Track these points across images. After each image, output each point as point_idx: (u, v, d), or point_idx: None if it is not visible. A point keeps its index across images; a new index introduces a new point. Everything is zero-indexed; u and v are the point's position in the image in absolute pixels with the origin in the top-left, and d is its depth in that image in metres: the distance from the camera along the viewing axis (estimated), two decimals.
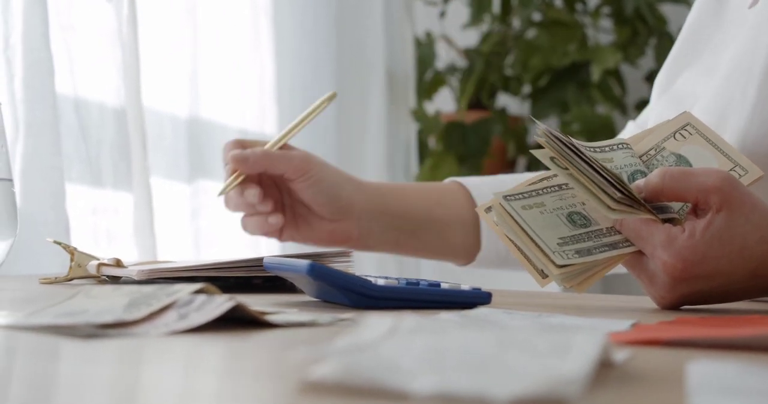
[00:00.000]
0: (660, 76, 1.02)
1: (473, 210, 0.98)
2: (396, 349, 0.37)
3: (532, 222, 0.70)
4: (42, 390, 0.37)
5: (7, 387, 0.38)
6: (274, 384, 0.37)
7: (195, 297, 0.53)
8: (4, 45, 1.13)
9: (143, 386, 0.37)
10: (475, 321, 0.52)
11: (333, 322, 0.56)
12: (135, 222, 1.32)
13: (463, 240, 1.00)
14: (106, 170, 1.28)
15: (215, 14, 1.63)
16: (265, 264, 0.72)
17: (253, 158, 0.89)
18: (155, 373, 0.40)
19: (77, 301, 0.56)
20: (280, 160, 0.90)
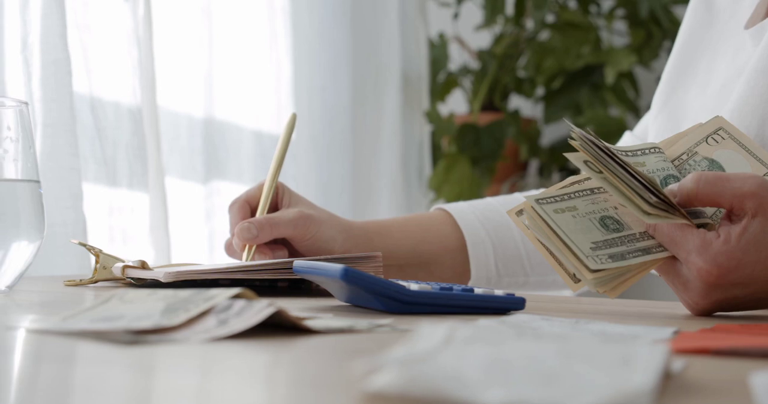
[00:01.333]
0: (659, 90, 1.01)
1: (460, 238, 0.99)
2: (456, 359, 0.36)
3: (564, 225, 0.70)
4: (86, 396, 0.36)
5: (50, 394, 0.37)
6: (334, 394, 0.36)
7: (233, 303, 0.52)
8: (22, 45, 1.13)
9: (197, 395, 0.36)
10: (525, 330, 0.51)
11: (371, 328, 0.55)
12: (151, 223, 1.32)
13: (451, 268, 1.00)
14: (121, 170, 1.27)
15: (231, 14, 1.62)
16: (295, 268, 0.71)
17: (261, 234, 0.91)
18: (206, 382, 0.39)
19: (112, 306, 0.55)
20: (285, 227, 0.92)
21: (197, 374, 0.41)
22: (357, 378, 0.36)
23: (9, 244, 0.67)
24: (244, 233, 0.91)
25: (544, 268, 1.01)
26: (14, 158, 0.68)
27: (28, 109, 0.70)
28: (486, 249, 0.99)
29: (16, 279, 0.69)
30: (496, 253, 0.99)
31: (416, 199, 2.09)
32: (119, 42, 1.30)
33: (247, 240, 0.92)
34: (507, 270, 0.99)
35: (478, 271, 0.98)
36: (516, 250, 0.99)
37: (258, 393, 0.36)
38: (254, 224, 0.91)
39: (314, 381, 0.40)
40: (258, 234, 0.91)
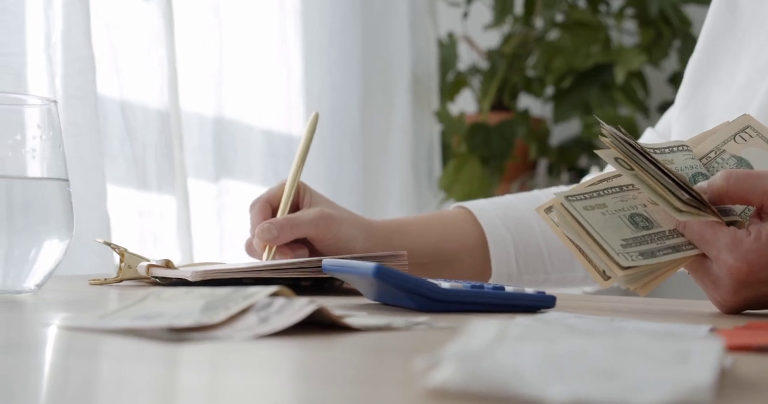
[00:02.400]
0: (682, 88, 1.01)
1: (480, 236, 0.98)
2: (512, 356, 0.36)
3: (594, 223, 0.70)
4: (137, 394, 0.36)
5: (97, 391, 0.37)
6: (394, 391, 0.36)
7: (273, 300, 0.52)
8: (45, 43, 1.13)
9: (254, 393, 0.36)
10: (575, 327, 0.51)
11: (409, 326, 0.55)
12: (178, 224, 1.32)
13: (472, 266, 1.00)
14: (150, 171, 1.28)
15: (242, 13, 1.62)
16: (324, 266, 0.71)
17: (282, 235, 0.90)
18: (260, 380, 0.39)
19: (150, 304, 0.55)
20: (306, 227, 0.91)
21: (248, 371, 0.41)
22: (413, 375, 0.36)
23: (41, 243, 0.66)
24: (265, 234, 0.91)
25: (564, 266, 1.00)
26: (44, 157, 0.68)
27: (56, 107, 0.70)
28: (507, 246, 0.98)
29: (46, 278, 0.69)
30: (517, 251, 0.99)
31: (426, 198, 2.09)
32: (147, 42, 1.30)
33: (268, 240, 0.91)
34: (528, 268, 0.99)
35: (498, 269, 0.98)
36: (537, 248, 0.99)
37: (318, 391, 0.36)
38: (274, 225, 0.91)
39: (368, 378, 0.40)
40: (278, 235, 0.91)
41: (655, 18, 2.08)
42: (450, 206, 1.04)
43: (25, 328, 0.55)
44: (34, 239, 0.66)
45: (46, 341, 0.49)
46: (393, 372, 0.41)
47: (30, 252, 0.66)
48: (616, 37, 2.19)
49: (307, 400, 0.35)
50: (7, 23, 1.12)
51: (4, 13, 1.12)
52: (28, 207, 0.66)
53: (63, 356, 0.46)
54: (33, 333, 0.52)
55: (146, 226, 1.32)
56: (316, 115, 0.98)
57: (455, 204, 1.03)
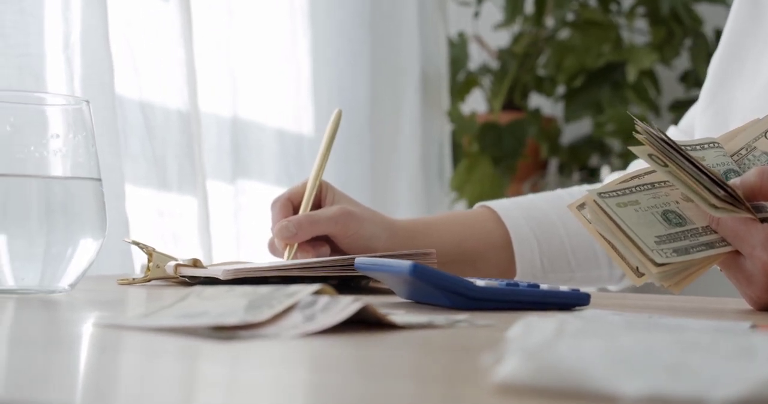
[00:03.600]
0: (705, 85, 1.01)
1: (504, 235, 0.98)
2: (576, 351, 0.36)
3: (627, 219, 0.69)
4: (191, 391, 0.36)
5: (158, 388, 0.37)
6: (462, 387, 0.36)
7: (317, 299, 0.52)
8: (63, 44, 1.13)
9: (317, 390, 0.36)
10: (636, 322, 0.51)
11: (451, 324, 0.55)
12: (198, 225, 1.32)
13: (496, 265, 0.99)
14: (171, 172, 1.27)
15: (254, 14, 1.62)
16: (357, 265, 0.71)
17: (300, 233, 0.90)
18: (320, 377, 0.39)
19: (192, 303, 0.55)
20: (325, 224, 0.91)
21: (302, 369, 0.41)
22: (473, 371, 0.36)
23: (76, 242, 0.66)
24: (283, 232, 0.91)
25: (589, 264, 1.00)
26: (77, 156, 0.68)
27: (88, 107, 0.69)
28: (531, 245, 0.98)
29: (79, 278, 0.69)
30: (542, 249, 0.99)
31: (436, 198, 2.09)
32: (165, 42, 1.30)
33: (286, 238, 0.91)
34: (552, 267, 0.99)
35: (523, 268, 0.98)
36: (561, 246, 0.99)
37: (380, 388, 0.36)
38: (292, 222, 0.91)
39: (428, 374, 0.39)
40: (297, 232, 0.90)
41: (667, 17, 2.08)
42: (474, 206, 1.03)
43: (69, 327, 0.55)
44: (70, 239, 0.66)
45: (95, 339, 0.49)
46: (450, 368, 0.41)
47: (66, 251, 0.66)
48: (627, 37, 2.18)
49: (373, 397, 0.34)
50: (26, 25, 1.12)
51: (23, 14, 1.12)
52: (65, 207, 0.66)
53: (113, 354, 0.45)
54: (78, 332, 0.52)
55: (166, 226, 1.31)
56: (339, 112, 0.98)
57: (478, 203, 1.03)
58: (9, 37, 1.12)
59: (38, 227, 0.65)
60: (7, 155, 0.66)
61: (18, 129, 0.66)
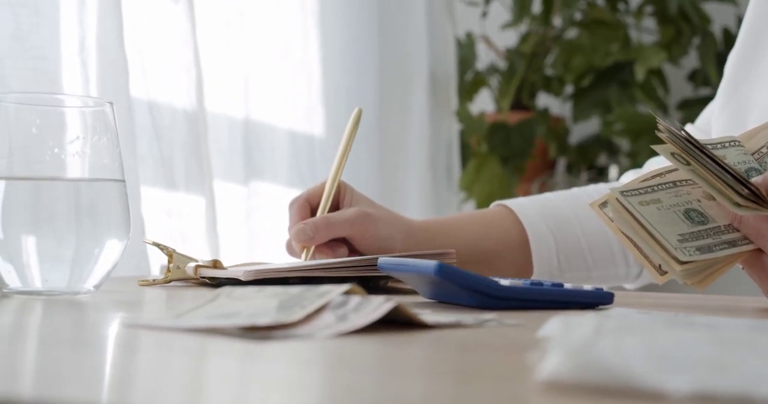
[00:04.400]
0: (722, 84, 1.01)
1: (521, 234, 0.98)
2: (617, 348, 0.36)
3: (650, 218, 0.70)
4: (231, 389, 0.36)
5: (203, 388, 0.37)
6: (507, 385, 0.36)
7: (348, 299, 0.52)
8: (79, 47, 1.13)
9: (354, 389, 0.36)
10: (674, 320, 0.51)
11: (480, 323, 0.55)
12: (206, 225, 1.32)
13: (513, 264, 1.00)
14: (178, 172, 1.28)
15: (265, 15, 1.62)
16: (381, 265, 0.71)
17: (317, 235, 0.90)
18: (355, 376, 0.39)
19: (222, 303, 0.55)
20: (342, 227, 0.91)
21: (340, 368, 0.41)
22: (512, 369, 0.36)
23: (102, 244, 0.67)
24: (300, 235, 0.91)
25: (605, 262, 1.00)
26: (102, 158, 0.68)
27: (112, 108, 0.70)
28: (548, 244, 0.98)
29: (103, 279, 0.69)
30: (559, 248, 0.99)
31: (445, 198, 2.09)
32: (173, 43, 1.30)
33: (303, 241, 0.91)
34: (569, 265, 0.99)
35: (540, 266, 0.98)
36: (578, 245, 0.99)
37: (428, 387, 0.36)
38: (309, 226, 0.91)
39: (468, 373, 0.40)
40: (313, 235, 0.90)
41: (675, 15, 2.08)
42: (491, 205, 1.03)
43: (102, 328, 0.55)
44: (97, 240, 0.66)
45: (130, 340, 0.49)
46: (489, 366, 0.41)
47: (93, 253, 0.66)
48: (635, 36, 2.18)
49: (420, 397, 0.35)
50: (42, 28, 1.13)
51: (39, 17, 1.13)
52: (92, 209, 0.66)
53: (148, 354, 0.46)
54: (113, 333, 0.52)
55: (174, 226, 1.32)
56: (359, 112, 0.97)
57: (495, 202, 1.03)
58: (25, 41, 1.12)
59: (66, 229, 0.65)
60: (33, 157, 0.66)
61: (44, 131, 0.66)
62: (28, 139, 0.66)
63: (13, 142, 0.66)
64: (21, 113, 0.67)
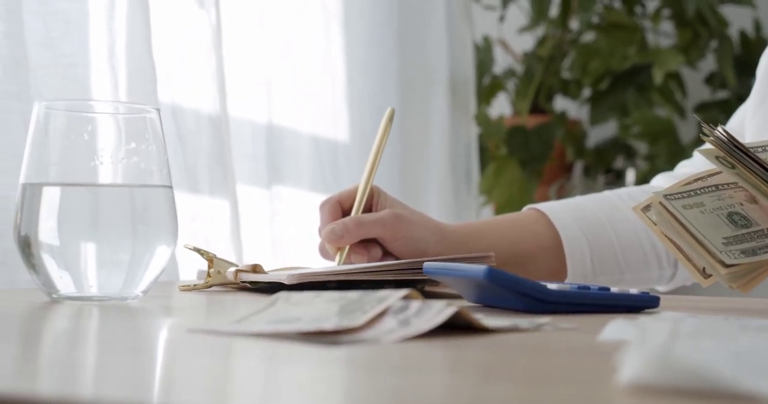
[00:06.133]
0: (757, 85, 1.01)
1: (555, 237, 0.98)
2: (698, 351, 0.36)
3: (695, 221, 0.70)
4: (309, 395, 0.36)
5: (280, 392, 0.37)
6: (588, 388, 0.36)
7: (409, 303, 0.53)
8: (108, 53, 1.14)
9: (435, 393, 0.37)
10: (747, 325, 0.51)
11: (537, 327, 0.56)
12: (231, 229, 1.33)
13: (546, 267, 1.00)
14: (202, 177, 1.28)
15: (288, 20, 1.63)
16: (426, 269, 0.71)
17: (347, 236, 0.90)
18: (433, 380, 0.39)
19: (281, 308, 0.55)
20: (373, 227, 0.91)
21: (415, 372, 0.41)
22: (590, 372, 0.36)
23: (153, 249, 0.67)
24: (330, 235, 0.91)
25: (638, 265, 1.01)
26: (151, 164, 0.69)
27: (159, 115, 0.70)
28: (582, 247, 0.99)
29: (151, 284, 0.69)
30: (592, 251, 0.99)
31: (464, 202, 2.09)
32: (197, 49, 1.31)
33: (333, 241, 0.91)
34: (602, 268, 0.99)
35: (574, 269, 0.99)
36: (611, 247, 0.99)
37: (508, 390, 0.37)
38: (339, 225, 0.91)
39: (550, 376, 0.40)
40: (343, 235, 0.90)
41: (692, 18, 2.08)
42: (523, 208, 1.04)
43: (165, 333, 0.56)
44: (149, 246, 0.67)
45: (196, 344, 0.49)
46: (563, 369, 0.41)
47: (144, 258, 0.66)
48: (652, 39, 2.19)
49: (500, 399, 0.35)
50: (72, 35, 1.13)
51: (69, 24, 1.13)
52: (144, 215, 0.67)
53: (213, 358, 0.46)
54: (178, 338, 0.53)
55: (199, 231, 1.32)
56: (392, 112, 0.97)
57: (527, 206, 1.03)
58: (56, 48, 1.13)
59: (122, 235, 0.66)
60: (84, 165, 0.67)
61: (95, 138, 0.67)
62: (80, 146, 0.67)
63: (64, 150, 0.67)
64: (72, 120, 0.68)
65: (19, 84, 1.06)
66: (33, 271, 0.66)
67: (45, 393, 0.35)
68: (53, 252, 0.65)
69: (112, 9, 1.17)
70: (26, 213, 0.66)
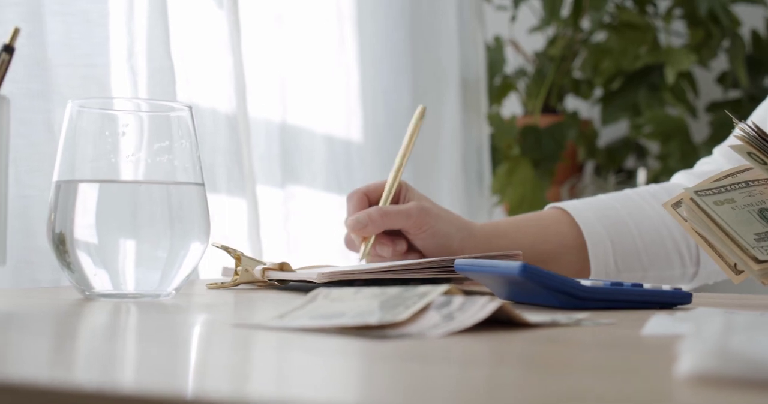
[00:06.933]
0: None
1: (578, 236, 0.98)
2: (757, 344, 0.36)
3: (726, 217, 0.70)
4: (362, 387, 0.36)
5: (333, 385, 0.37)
6: (648, 381, 0.36)
7: (451, 299, 0.53)
8: (128, 54, 1.14)
9: (498, 385, 0.37)
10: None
11: (576, 322, 0.56)
12: (248, 229, 1.33)
13: (569, 266, 1.00)
14: (220, 177, 1.28)
15: (303, 20, 1.63)
16: (457, 266, 0.71)
17: (371, 225, 0.90)
18: (493, 372, 0.39)
19: (321, 304, 0.55)
20: (398, 218, 0.91)
21: (475, 365, 0.42)
22: (645, 365, 0.36)
23: (188, 246, 0.67)
24: (354, 224, 0.91)
25: (661, 263, 1.00)
26: (185, 161, 0.69)
27: (191, 113, 0.70)
28: (605, 245, 0.99)
29: (184, 282, 0.70)
30: (615, 249, 0.99)
31: (476, 201, 2.10)
32: (215, 49, 1.31)
33: (357, 231, 0.91)
34: (625, 266, 0.99)
35: (597, 268, 0.99)
36: (634, 246, 0.99)
37: (576, 383, 0.37)
38: (363, 214, 0.91)
39: (608, 369, 0.40)
40: (368, 224, 0.91)
41: (704, 18, 2.08)
42: (545, 207, 1.04)
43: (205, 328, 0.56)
44: (184, 243, 0.67)
45: (253, 339, 0.50)
46: (618, 363, 0.41)
47: (179, 255, 0.67)
48: (664, 38, 2.19)
49: (566, 391, 0.35)
50: (92, 35, 1.13)
51: (89, 24, 1.13)
52: (179, 212, 0.67)
53: (267, 351, 0.46)
54: (227, 334, 0.53)
55: (217, 230, 1.32)
56: (423, 110, 0.97)
57: (549, 205, 1.03)
58: (75, 48, 1.13)
59: (160, 232, 0.66)
60: (120, 162, 0.67)
61: (128, 136, 0.67)
62: (113, 144, 0.67)
63: (97, 147, 0.67)
64: (105, 119, 0.68)
65: (41, 83, 1.06)
66: (67, 269, 0.67)
67: (82, 382, 0.35)
68: (89, 249, 0.65)
69: (131, 9, 1.17)
70: (61, 210, 0.66)
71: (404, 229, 0.93)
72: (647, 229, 1.00)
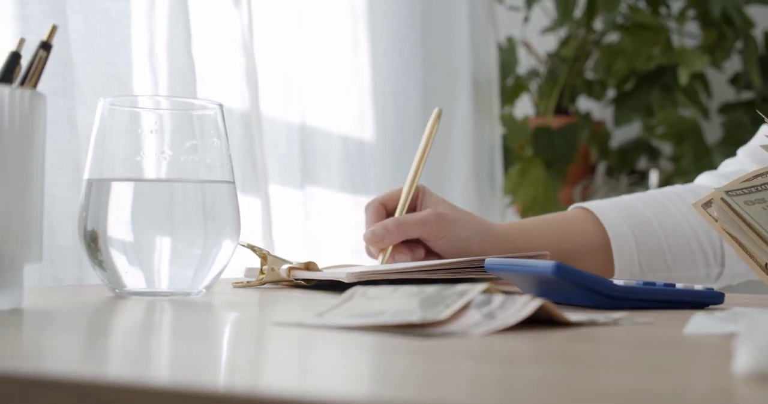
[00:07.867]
0: None
1: (602, 236, 0.98)
2: None
3: (757, 217, 0.70)
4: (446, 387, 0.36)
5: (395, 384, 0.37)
6: (702, 378, 0.36)
7: (491, 297, 0.53)
8: (149, 53, 1.14)
9: (545, 383, 0.37)
10: None
11: (615, 322, 0.56)
12: (263, 227, 1.33)
13: (594, 265, 0.99)
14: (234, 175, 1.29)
15: (319, 20, 1.63)
16: (487, 266, 0.71)
17: (388, 237, 0.90)
18: (541, 370, 0.39)
19: (359, 303, 0.55)
20: (414, 227, 0.91)
21: (522, 363, 0.41)
22: (696, 364, 0.36)
23: (220, 244, 0.67)
24: (371, 237, 0.91)
25: (685, 263, 1.00)
26: (216, 159, 0.69)
27: (221, 111, 0.70)
28: (630, 245, 0.98)
29: (215, 280, 0.69)
30: (640, 249, 0.99)
31: (488, 203, 2.09)
32: (230, 48, 1.31)
33: (375, 243, 0.91)
34: (650, 266, 0.99)
35: (621, 268, 0.98)
36: (658, 246, 0.99)
37: (626, 381, 0.36)
38: (380, 227, 0.91)
39: (658, 367, 0.40)
40: (384, 237, 0.91)
41: (718, 19, 2.08)
42: (569, 207, 1.04)
43: (252, 327, 0.56)
44: (217, 241, 0.67)
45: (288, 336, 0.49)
46: (667, 362, 0.41)
47: (212, 254, 0.66)
48: (677, 39, 2.18)
49: (618, 390, 0.35)
50: (113, 33, 1.13)
51: (111, 23, 1.13)
52: (212, 210, 0.67)
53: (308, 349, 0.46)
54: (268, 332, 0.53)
55: None
56: (439, 112, 0.97)
57: (573, 205, 1.03)
58: (97, 46, 1.13)
59: (194, 231, 0.66)
60: (152, 160, 0.67)
61: (159, 134, 0.67)
62: (144, 142, 0.67)
63: (128, 146, 0.67)
64: (136, 117, 0.68)
65: (64, 81, 1.06)
66: (98, 267, 0.66)
67: (117, 377, 0.36)
68: (122, 247, 0.65)
69: (152, 8, 1.17)
70: (93, 208, 0.66)
71: (422, 237, 0.93)
72: (672, 229, 1.00)
